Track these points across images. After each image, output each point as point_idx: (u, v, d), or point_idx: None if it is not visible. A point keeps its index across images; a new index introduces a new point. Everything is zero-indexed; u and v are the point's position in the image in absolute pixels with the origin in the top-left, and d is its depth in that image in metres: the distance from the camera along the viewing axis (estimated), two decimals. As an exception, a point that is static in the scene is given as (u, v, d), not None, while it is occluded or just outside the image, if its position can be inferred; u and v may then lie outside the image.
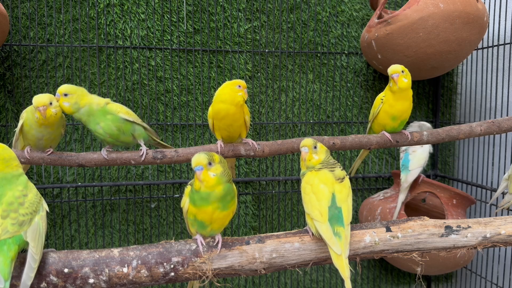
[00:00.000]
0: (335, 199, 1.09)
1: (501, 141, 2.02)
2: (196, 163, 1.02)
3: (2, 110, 1.88)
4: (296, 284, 2.21)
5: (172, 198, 2.07)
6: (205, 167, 1.02)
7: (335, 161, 1.19)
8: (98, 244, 2.01)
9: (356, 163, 1.77)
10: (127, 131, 1.37)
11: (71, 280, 1.00)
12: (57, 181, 1.95)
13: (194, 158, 1.03)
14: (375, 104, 1.53)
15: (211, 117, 1.39)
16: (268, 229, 2.18)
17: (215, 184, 1.02)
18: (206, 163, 1.02)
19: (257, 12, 2.07)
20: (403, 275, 2.35)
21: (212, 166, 1.03)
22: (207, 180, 1.02)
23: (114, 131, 1.35)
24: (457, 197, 1.96)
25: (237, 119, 1.38)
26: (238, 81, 1.35)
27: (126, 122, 1.36)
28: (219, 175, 1.03)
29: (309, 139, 1.20)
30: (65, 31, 1.90)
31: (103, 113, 1.33)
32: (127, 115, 1.36)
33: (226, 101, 1.34)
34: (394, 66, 1.44)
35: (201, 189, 1.03)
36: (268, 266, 1.09)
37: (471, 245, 1.13)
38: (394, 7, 2.23)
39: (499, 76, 2.06)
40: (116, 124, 1.35)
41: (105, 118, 1.34)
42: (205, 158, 1.02)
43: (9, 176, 0.97)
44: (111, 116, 1.34)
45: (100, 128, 1.34)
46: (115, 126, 1.35)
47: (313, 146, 1.18)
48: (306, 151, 1.17)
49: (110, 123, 1.34)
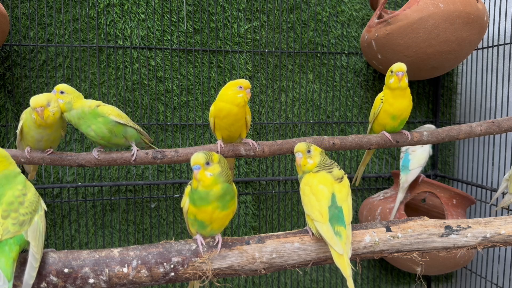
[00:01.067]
0: (335, 198, 1.09)
1: (501, 141, 2.02)
2: (194, 162, 1.02)
3: (2, 110, 1.88)
4: (296, 284, 2.21)
5: (172, 198, 2.07)
6: (203, 167, 1.02)
7: (332, 161, 1.19)
8: (98, 244, 2.01)
9: (359, 171, 1.75)
10: (119, 133, 1.37)
11: (71, 280, 1.00)
12: (57, 181, 1.95)
13: (192, 157, 1.03)
14: (375, 105, 1.53)
15: (213, 115, 1.39)
16: (268, 229, 2.18)
17: (212, 183, 1.03)
18: (204, 162, 1.02)
19: (257, 12, 2.07)
20: (403, 275, 2.35)
21: (210, 166, 1.03)
22: (203, 179, 1.02)
23: (105, 133, 1.35)
24: (457, 197, 1.96)
25: (239, 119, 1.38)
26: (240, 81, 1.35)
27: (117, 124, 1.35)
28: (216, 175, 1.03)
29: (301, 144, 1.18)
30: (65, 31, 1.90)
31: (94, 116, 1.33)
32: (118, 118, 1.35)
33: (228, 101, 1.34)
34: (399, 64, 1.44)
35: (198, 188, 1.03)
36: (268, 266, 1.09)
37: (471, 245, 1.13)
38: (394, 7, 2.23)
39: (499, 76, 2.06)
40: (108, 126, 1.34)
41: (96, 120, 1.33)
42: (202, 158, 1.02)
43: (7, 175, 0.97)
44: (102, 119, 1.33)
45: (91, 130, 1.34)
46: (107, 129, 1.34)
47: (306, 151, 1.16)
48: (300, 157, 1.16)
49: (101, 126, 1.33)
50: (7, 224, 0.91)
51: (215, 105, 1.37)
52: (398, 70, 1.43)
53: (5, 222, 0.91)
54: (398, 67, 1.44)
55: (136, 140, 1.42)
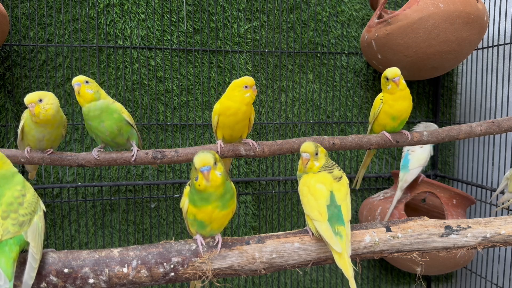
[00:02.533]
0: (334, 197, 1.09)
1: (501, 141, 2.02)
2: (203, 163, 0.97)
3: (2, 110, 1.88)
4: (296, 284, 2.21)
5: (172, 198, 2.07)
6: (212, 167, 0.98)
7: (333, 162, 1.19)
8: (98, 244, 2.01)
9: (359, 174, 1.75)
10: (125, 133, 1.39)
11: (71, 280, 1.00)
12: (57, 181, 1.95)
13: (200, 158, 0.98)
14: (375, 105, 1.53)
15: (218, 113, 1.38)
16: (268, 229, 2.18)
17: (222, 183, 1.01)
18: (213, 162, 0.98)
19: (257, 12, 2.07)
20: (403, 275, 2.35)
21: (217, 166, 1.00)
22: (215, 179, 0.99)
23: (115, 130, 1.36)
24: (457, 197, 1.96)
25: (245, 118, 1.39)
26: (245, 80, 1.35)
27: (127, 124, 1.38)
28: (224, 174, 1.02)
29: (310, 145, 1.15)
30: (65, 31, 1.90)
31: (110, 112, 1.35)
32: (128, 118, 1.38)
33: (236, 100, 1.35)
34: (393, 70, 1.44)
35: (207, 189, 1.00)
36: (268, 266, 1.09)
37: (471, 245, 1.13)
38: (394, 7, 2.23)
39: (499, 76, 2.06)
40: (118, 124, 1.36)
41: (112, 116, 1.35)
42: (211, 158, 0.98)
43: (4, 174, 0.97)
44: (117, 116, 1.35)
45: (103, 126, 1.35)
46: (117, 126, 1.36)
47: (314, 153, 1.14)
48: (307, 157, 1.14)
49: (114, 122, 1.35)
50: (7, 224, 0.91)
51: (222, 104, 1.37)
52: (394, 76, 1.43)
53: (5, 223, 0.91)
54: (393, 73, 1.43)
55: (136, 140, 1.43)
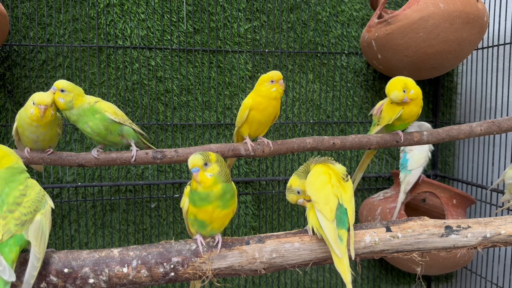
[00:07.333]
0: (341, 198, 1.08)
1: (501, 141, 2.02)
2: (192, 165, 1.01)
3: (2, 110, 1.88)
4: (296, 284, 2.21)
5: (172, 198, 2.07)
6: (201, 168, 1.01)
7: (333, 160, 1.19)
8: (98, 244, 2.01)
9: (356, 176, 1.73)
10: (114, 131, 1.37)
11: (71, 280, 1.00)
12: (57, 181, 1.95)
13: (190, 159, 1.02)
14: (395, 110, 1.46)
15: (249, 107, 1.41)
16: (268, 229, 2.18)
17: (212, 184, 1.02)
18: (202, 164, 1.01)
19: (257, 12, 2.07)
20: (403, 275, 2.35)
21: (208, 166, 1.02)
22: (204, 181, 1.01)
23: (101, 130, 1.34)
24: (457, 197, 1.96)
25: (273, 113, 1.45)
26: (271, 75, 1.39)
27: (113, 122, 1.35)
28: (216, 175, 1.02)
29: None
30: (65, 31, 1.90)
31: (92, 112, 1.33)
32: (113, 115, 1.34)
33: (265, 96, 1.40)
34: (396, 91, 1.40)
35: (198, 189, 1.03)
36: (268, 266, 1.09)
37: (471, 245, 1.13)
38: (394, 7, 2.23)
39: (499, 76, 2.06)
40: (104, 123, 1.34)
41: (94, 117, 1.33)
42: (200, 159, 1.01)
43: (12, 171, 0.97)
44: (99, 115, 1.33)
45: (88, 127, 1.34)
46: (103, 125, 1.34)
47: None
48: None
49: (98, 122, 1.33)
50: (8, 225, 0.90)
51: (253, 99, 1.41)
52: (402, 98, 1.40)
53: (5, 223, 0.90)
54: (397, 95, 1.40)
55: (134, 138, 1.41)
